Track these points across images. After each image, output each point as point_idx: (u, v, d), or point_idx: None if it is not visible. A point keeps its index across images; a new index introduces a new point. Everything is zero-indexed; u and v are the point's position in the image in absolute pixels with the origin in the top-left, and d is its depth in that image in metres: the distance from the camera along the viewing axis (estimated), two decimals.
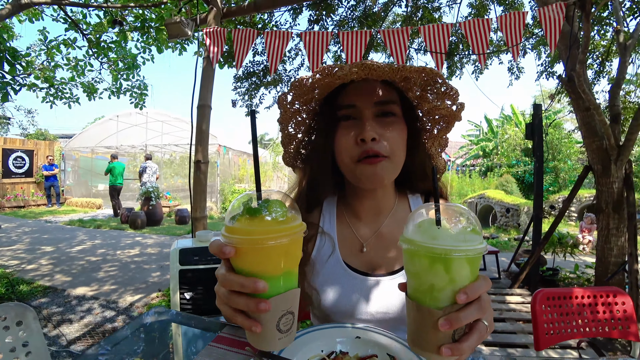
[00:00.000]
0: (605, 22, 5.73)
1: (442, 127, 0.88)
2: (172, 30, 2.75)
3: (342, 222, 0.92)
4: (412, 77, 0.74)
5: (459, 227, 0.50)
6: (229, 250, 0.48)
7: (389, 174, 0.80)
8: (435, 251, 0.47)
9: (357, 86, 0.79)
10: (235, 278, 0.50)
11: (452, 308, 0.48)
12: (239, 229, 0.49)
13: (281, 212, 0.50)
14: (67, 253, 5.91)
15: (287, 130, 0.89)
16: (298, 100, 0.82)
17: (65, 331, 3.21)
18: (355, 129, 0.78)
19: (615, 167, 3.37)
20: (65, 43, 6.03)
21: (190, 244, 1.83)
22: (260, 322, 0.50)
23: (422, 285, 0.50)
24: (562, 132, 12.91)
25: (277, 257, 0.49)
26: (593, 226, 6.87)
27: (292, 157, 0.95)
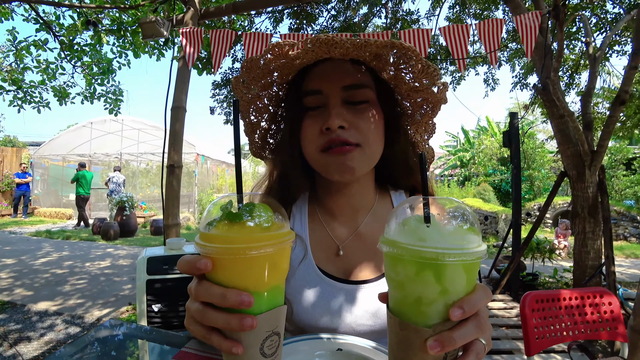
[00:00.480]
0: (574, 37, 6.01)
1: (426, 112, 0.78)
2: (146, 30, 2.64)
3: (314, 222, 0.82)
4: (382, 54, 0.65)
5: (453, 225, 0.41)
6: (206, 265, 0.40)
7: (361, 165, 0.70)
8: (424, 255, 0.37)
9: (323, 68, 0.70)
10: (216, 288, 0.41)
11: (444, 326, 0.39)
12: (218, 236, 0.40)
13: (267, 218, 0.42)
14: (30, 266, 5.54)
15: (249, 119, 0.79)
16: (255, 84, 0.71)
17: (22, 350, 2.95)
18: (322, 118, 0.69)
19: (589, 172, 3.46)
20: (35, 44, 5.77)
21: (159, 252, 1.70)
22: (242, 344, 0.41)
23: (407, 297, 0.41)
24: (535, 142, 13.40)
25: (262, 269, 0.41)
26: (568, 232, 7.07)
27: (258, 147, 0.85)
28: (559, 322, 1.35)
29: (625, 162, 11.35)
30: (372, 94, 0.71)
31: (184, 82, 2.62)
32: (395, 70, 0.69)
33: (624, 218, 8.85)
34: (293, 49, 0.61)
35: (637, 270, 6.03)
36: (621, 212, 8.88)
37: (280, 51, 0.61)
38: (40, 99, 6.34)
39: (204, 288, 0.41)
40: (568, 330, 1.34)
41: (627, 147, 11.55)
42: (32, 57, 5.88)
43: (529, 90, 7.07)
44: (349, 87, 0.69)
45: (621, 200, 10.46)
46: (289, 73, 0.71)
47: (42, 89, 6.29)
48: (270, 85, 0.73)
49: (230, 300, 0.39)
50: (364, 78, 0.70)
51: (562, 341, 1.31)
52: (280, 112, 0.81)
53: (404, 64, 0.67)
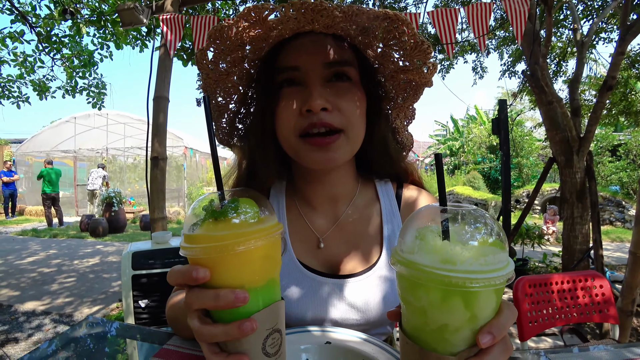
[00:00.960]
0: (561, 24, 6.03)
1: (409, 95, 0.73)
2: (125, 18, 2.53)
3: (293, 213, 0.77)
4: (371, 27, 0.58)
5: (480, 240, 0.35)
6: (205, 274, 0.38)
7: (344, 153, 0.65)
8: (453, 282, 0.32)
9: (302, 42, 0.63)
10: (208, 291, 0.38)
11: (469, 352, 0.35)
12: (205, 236, 0.39)
13: (252, 212, 0.41)
14: (16, 265, 5.40)
15: (215, 100, 0.71)
16: (223, 60, 0.63)
17: (10, 351, 2.88)
18: (300, 98, 0.62)
19: (577, 157, 3.49)
20: (11, 36, 5.54)
21: (145, 247, 1.65)
22: (244, 349, 0.40)
23: (429, 324, 0.36)
24: (524, 129, 13.56)
25: (254, 263, 0.40)
26: (556, 217, 7.20)
27: (226, 133, 0.78)
28: (551, 306, 1.36)
29: (610, 148, 11.56)
30: (355, 73, 0.66)
31: (166, 72, 2.53)
32: (384, 47, 0.63)
33: (609, 203, 9.05)
34: (272, 14, 0.53)
35: (623, 254, 6.18)
36: (607, 198, 9.07)
37: (258, 17, 0.54)
38: (19, 94, 6.13)
39: (195, 294, 0.39)
40: (560, 314, 1.35)
41: (612, 134, 11.76)
42: (8, 50, 5.65)
43: (517, 78, 7.11)
44: (331, 63, 0.62)
45: (607, 186, 10.68)
46: (263, 47, 0.64)
47: (20, 83, 6.08)
48: (241, 60, 0.65)
49: (224, 299, 0.37)
50: (347, 54, 0.64)
51: (554, 325, 1.32)
52: (251, 93, 0.74)
53: (394, 40, 0.61)
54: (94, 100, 6.14)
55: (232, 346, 0.40)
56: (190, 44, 4.77)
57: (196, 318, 0.40)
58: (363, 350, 0.57)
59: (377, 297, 0.70)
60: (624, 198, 9.00)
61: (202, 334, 0.39)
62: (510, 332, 2.83)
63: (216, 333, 0.39)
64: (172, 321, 0.72)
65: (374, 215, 0.77)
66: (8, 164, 10.92)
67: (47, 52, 5.66)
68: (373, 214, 0.77)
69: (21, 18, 5.12)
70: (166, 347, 0.69)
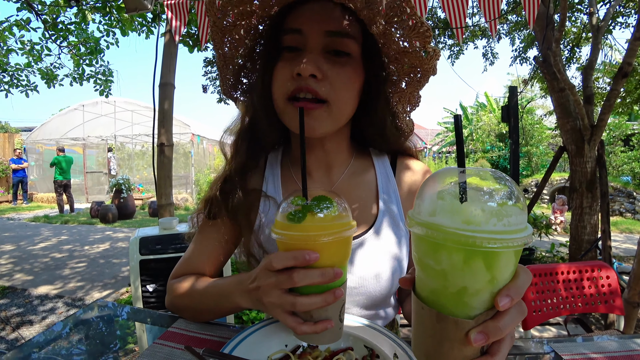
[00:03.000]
0: (575, 8, 5.83)
1: (412, 80, 0.73)
2: (130, 4, 2.50)
3: (288, 181, 0.79)
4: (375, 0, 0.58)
5: (499, 202, 0.34)
6: (315, 256, 0.46)
7: (324, 125, 0.65)
8: (477, 243, 0.32)
9: (309, 7, 0.63)
10: (312, 271, 0.47)
11: (486, 315, 0.35)
12: (324, 224, 0.47)
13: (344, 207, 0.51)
14: (29, 251, 5.54)
15: (222, 50, 0.72)
16: (232, 10, 0.64)
17: (25, 334, 2.98)
18: (296, 61, 0.62)
19: (588, 147, 3.42)
20: (18, 24, 5.53)
21: (152, 233, 1.67)
22: (328, 315, 0.50)
23: (448, 287, 0.36)
24: (534, 117, 13.30)
25: (344, 247, 0.50)
26: (564, 207, 7.12)
27: (230, 85, 0.78)
28: (556, 296, 1.35)
29: (623, 138, 11.29)
30: (357, 47, 0.65)
31: (172, 58, 2.51)
32: (385, 24, 0.62)
33: (620, 194, 8.90)
34: None
35: (632, 245, 6.11)
36: (617, 188, 8.92)
37: None
38: (27, 82, 6.17)
39: (302, 273, 0.46)
40: (565, 304, 1.34)
41: (625, 123, 11.47)
42: (15, 38, 5.66)
43: (529, 65, 6.93)
44: (333, 33, 0.63)
45: (618, 176, 10.49)
46: (272, 5, 0.64)
47: (28, 71, 6.11)
48: (249, 14, 0.66)
49: (328, 275, 0.47)
50: (351, 27, 0.64)
51: (558, 314, 1.32)
52: (257, 49, 0.74)
53: (395, 17, 0.61)
54: (101, 87, 6.16)
55: (317, 314, 0.49)
56: (196, 30, 4.72)
57: (285, 294, 0.49)
58: (364, 336, 0.58)
59: (377, 257, 0.73)
60: (635, 189, 8.84)
61: (303, 303, 0.47)
62: None
63: (316, 301, 0.47)
64: (188, 306, 0.73)
65: (369, 180, 0.80)
66: (17, 151, 11.12)
67: (53, 40, 5.66)
68: (368, 179, 0.80)
69: (27, 6, 5.10)
70: (171, 329, 0.71)
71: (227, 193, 0.74)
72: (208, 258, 0.78)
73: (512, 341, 0.38)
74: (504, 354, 0.37)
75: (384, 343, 0.56)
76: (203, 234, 0.79)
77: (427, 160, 17.78)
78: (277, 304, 0.49)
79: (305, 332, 0.48)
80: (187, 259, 0.79)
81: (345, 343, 0.58)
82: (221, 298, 0.65)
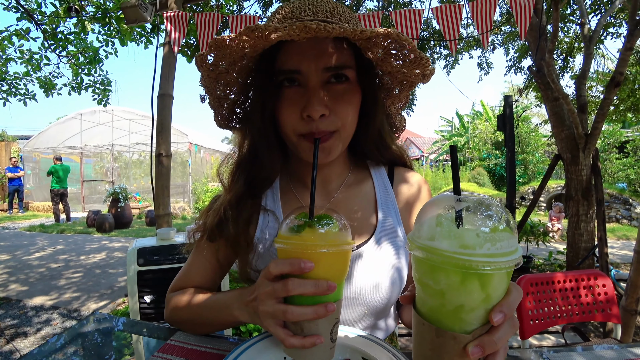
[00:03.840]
0: (568, 19, 5.94)
1: (405, 87, 0.75)
2: (129, 15, 2.54)
3: (287, 195, 0.80)
4: (373, 37, 0.60)
5: (492, 227, 0.38)
6: (310, 265, 0.47)
7: (337, 149, 0.69)
8: (473, 265, 0.36)
9: (302, 45, 0.64)
10: (307, 280, 0.48)
11: (482, 330, 0.39)
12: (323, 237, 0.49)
13: (344, 226, 0.52)
14: (25, 261, 5.48)
15: (215, 94, 0.73)
16: (223, 61, 0.65)
17: (19, 345, 2.93)
18: (301, 101, 0.64)
19: (583, 155, 3.46)
20: (17, 34, 5.57)
21: (150, 243, 1.67)
22: (319, 331, 0.49)
23: (446, 305, 0.39)
24: (530, 126, 13.42)
25: (340, 262, 0.51)
26: (561, 215, 7.15)
27: (225, 118, 0.79)
28: (553, 305, 1.35)
29: (617, 145, 11.41)
30: (353, 73, 0.67)
31: (170, 69, 2.54)
32: (383, 54, 0.64)
33: (616, 201, 8.96)
34: (275, 33, 0.54)
35: (629, 252, 6.13)
36: (613, 195, 8.98)
37: (260, 34, 0.55)
38: (25, 91, 6.18)
39: (296, 282, 0.48)
40: (562, 313, 1.34)
41: (619, 131, 11.60)
42: (14, 48, 5.69)
43: (524, 74, 7.02)
44: (330, 68, 0.64)
45: (614, 183, 10.57)
46: (264, 47, 0.65)
47: (27, 80, 6.13)
48: (240, 59, 0.67)
49: (321, 287, 0.47)
50: (346, 58, 0.66)
51: (556, 323, 1.32)
52: (249, 81, 0.75)
53: (395, 51, 0.63)
54: (100, 97, 6.18)
55: (308, 328, 0.49)
56: (195, 40, 4.77)
57: (280, 304, 0.49)
58: (362, 347, 0.58)
59: (376, 268, 0.73)
60: (631, 195, 8.90)
61: (294, 313, 0.48)
62: None
63: (306, 312, 0.48)
64: (187, 319, 0.74)
65: (367, 191, 0.81)
66: (13, 160, 11.08)
67: (52, 50, 5.69)
68: (366, 190, 0.82)
69: (27, 16, 5.15)
70: (170, 342, 0.71)
71: (225, 223, 0.74)
72: (205, 272, 0.79)
73: (506, 352, 0.42)
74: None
75: (382, 355, 0.56)
76: (200, 251, 0.79)
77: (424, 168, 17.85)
78: (271, 313, 0.50)
79: (293, 344, 0.48)
80: (185, 272, 0.80)
81: (343, 355, 0.58)
82: (220, 311, 0.66)
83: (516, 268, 0.38)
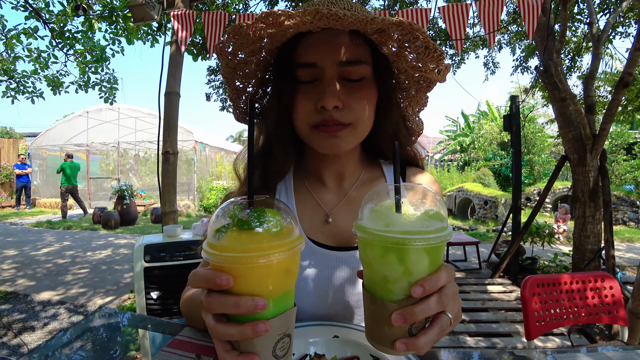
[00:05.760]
0: (575, 18, 5.87)
1: (422, 87, 0.75)
2: (136, 14, 2.56)
3: (301, 191, 0.80)
4: (386, 29, 0.60)
5: (419, 211, 0.45)
6: (227, 281, 0.40)
7: (349, 143, 0.69)
8: (388, 240, 0.42)
9: (318, 38, 0.65)
10: (228, 298, 0.40)
11: (407, 301, 0.43)
12: (229, 246, 0.40)
13: (276, 223, 0.42)
14: (32, 256, 5.55)
15: (234, 85, 0.75)
16: (242, 50, 0.67)
17: (27, 339, 2.97)
18: (316, 93, 0.65)
19: (590, 156, 3.43)
20: (25, 32, 5.63)
21: (157, 240, 1.68)
22: (256, 350, 0.42)
23: (375, 275, 0.46)
24: (536, 126, 13.29)
25: (274, 276, 0.42)
26: (567, 216, 7.08)
27: (243, 111, 0.82)
28: (559, 306, 1.35)
29: (625, 146, 11.27)
30: (369, 69, 0.68)
31: (177, 67, 2.55)
32: (398, 48, 0.65)
33: (623, 203, 8.86)
34: (289, 20, 0.55)
35: (635, 255, 6.07)
36: (621, 197, 8.88)
37: (275, 21, 0.56)
38: (33, 89, 6.24)
39: (215, 299, 0.41)
40: (568, 315, 1.34)
41: (627, 132, 11.46)
42: (23, 46, 5.75)
43: (530, 74, 6.96)
44: (346, 62, 0.65)
45: (621, 185, 10.44)
46: (281, 40, 0.66)
47: (35, 78, 6.19)
48: (258, 51, 0.68)
49: (245, 307, 0.39)
50: (362, 53, 0.66)
51: (562, 325, 1.31)
52: (267, 77, 0.77)
53: (408, 43, 0.63)
54: (106, 95, 6.23)
55: (244, 346, 0.42)
56: (201, 38, 4.79)
57: (211, 315, 0.42)
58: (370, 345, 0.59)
59: None
60: (639, 198, 8.80)
61: (217, 332, 0.41)
62: (517, 330, 2.82)
63: (231, 332, 0.41)
64: (186, 313, 0.75)
65: None
66: (21, 157, 11.23)
67: (60, 48, 5.74)
68: None
69: (35, 14, 5.20)
70: (178, 337, 0.72)
71: None
72: None
73: (442, 332, 0.45)
74: (429, 339, 0.43)
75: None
76: None
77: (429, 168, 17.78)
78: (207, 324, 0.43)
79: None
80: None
81: (352, 351, 0.59)
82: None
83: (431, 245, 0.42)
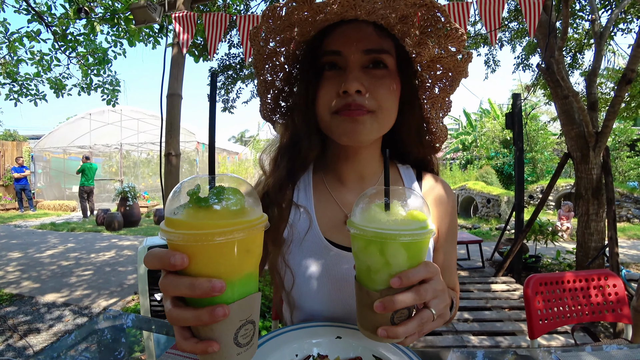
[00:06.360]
0: (577, 15, 5.85)
1: (445, 86, 0.76)
2: (138, 16, 2.57)
3: (320, 191, 0.80)
4: (409, 14, 0.63)
5: (404, 210, 0.50)
6: (182, 260, 0.37)
7: (371, 131, 0.69)
8: (367, 234, 0.47)
9: (345, 30, 0.68)
10: (184, 279, 0.38)
11: (388, 291, 0.48)
12: (184, 222, 0.38)
13: (236, 201, 0.40)
14: (37, 258, 5.59)
15: (263, 76, 0.77)
16: (273, 38, 0.69)
17: (32, 341, 2.99)
18: (338, 80, 0.67)
19: (593, 153, 3.41)
20: (28, 36, 5.67)
21: (160, 241, 1.69)
22: (216, 337, 0.40)
23: (361, 265, 0.51)
24: (538, 123, 13.24)
25: (233, 256, 0.39)
26: (570, 214, 7.06)
27: (270, 109, 0.83)
28: (562, 305, 1.35)
29: (629, 143, 11.22)
30: (392, 61, 0.69)
31: (179, 69, 2.57)
32: (420, 34, 0.66)
33: (627, 199, 8.81)
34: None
35: (639, 252, 6.04)
36: (624, 194, 8.83)
37: None
38: (36, 92, 6.28)
39: (169, 281, 0.39)
40: (572, 313, 1.33)
41: (631, 129, 11.41)
42: (25, 49, 5.79)
43: (532, 72, 6.94)
44: (370, 51, 0.67)
45: (625, 181, 10.39)
46: (310, 31, 0.69)
47: (37, 81, 6.22)
48: (289, 41, 0.71)
49: (200, 288, 0.37)
50: (385, 43, 0.68)
51: (565, 323, 1.31)
52: (295, 73, 0.79)
53: (430, 27, 0.64)
54: (108, 97, 6.25)
55: (204, 332, 0.40)
56: (202, 40, 4.80)
57: (169, 300, 0.40)
58: (373, 346, 0.59)
59: None
60: None
61: (173, 317, 0.39)
62: (521, 329, 2.81)
63: (187, 317, 0.39)
64: None
65: None
66: (20, 160, 11.29)
67: (62, 51, 5.77)
68: None
69: (37, 17, 5.23)
70: None
71: (265, 208, 0.76)
72: None
73: (423, 325, 0.49)
74: (408, 329, 0.47)
75: (393, 353, 0.57)
76: None
77: None
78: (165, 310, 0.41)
79: (184, 349, 0.40)
80: None
81: (354, 352, 0.59)
82: None
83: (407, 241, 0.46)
